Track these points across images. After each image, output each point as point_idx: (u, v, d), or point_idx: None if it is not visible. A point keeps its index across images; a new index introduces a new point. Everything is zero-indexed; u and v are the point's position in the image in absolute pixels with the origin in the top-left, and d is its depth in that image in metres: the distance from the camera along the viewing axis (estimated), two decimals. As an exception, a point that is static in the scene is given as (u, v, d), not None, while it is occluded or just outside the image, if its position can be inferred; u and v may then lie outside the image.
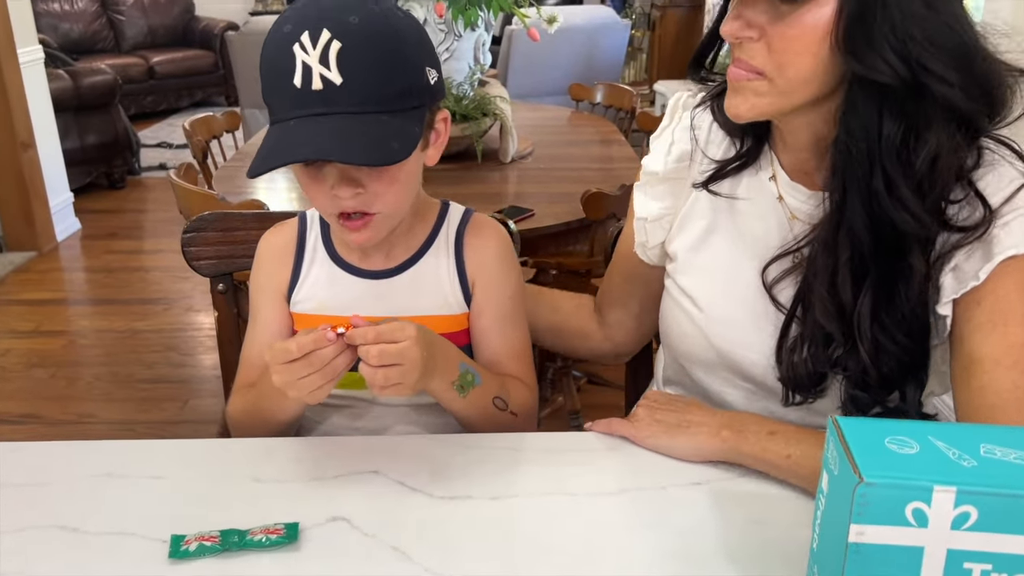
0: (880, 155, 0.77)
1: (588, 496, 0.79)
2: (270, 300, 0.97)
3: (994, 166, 0.79)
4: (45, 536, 0.74)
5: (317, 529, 0.74)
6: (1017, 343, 0.76)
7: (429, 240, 0.95)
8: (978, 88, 0.75)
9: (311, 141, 0.78)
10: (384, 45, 0.79)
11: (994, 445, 0.56)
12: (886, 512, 0.53)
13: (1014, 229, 0.77)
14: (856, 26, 0.74)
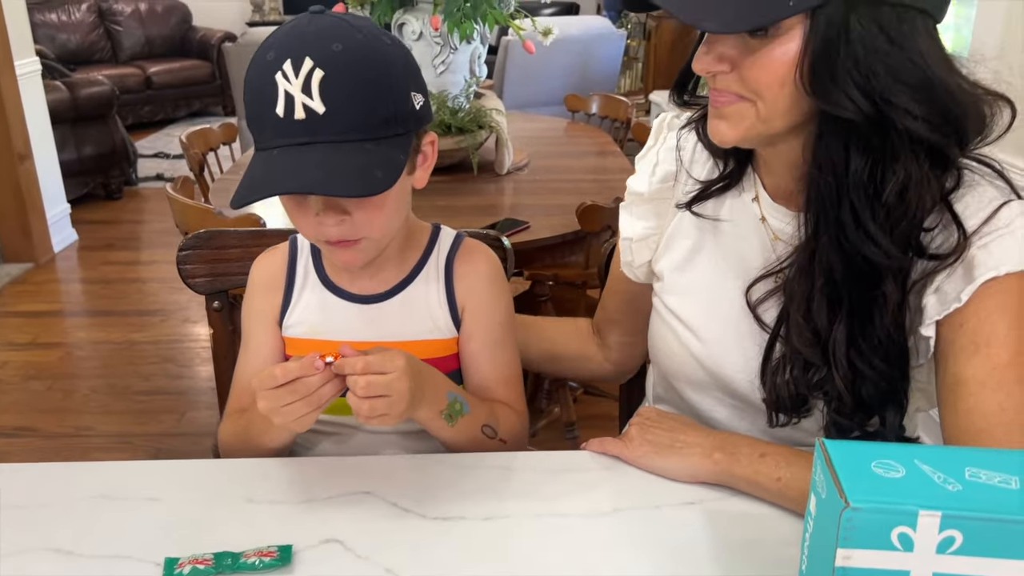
0: (848, 189, 0.77)
1: (581, 517, 0.80)
2: (261, 325, 0.97)
3: (973, 187, 0.80)
4: (39, 559, 0.74)
5: (310, 551, 0.74)
6: (1001, 364, 0.76)
7: (419, 265, 0.96)
8: (944, 120, 0.75)
9: (295, 173, 0.77)
10: (368, 73, 0.79)
11: (979, 468, 0.56)
12: (872, 537, 0.53)
13: (993, 251, 0.77)
14: (820, 63, 0.74)
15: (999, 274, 0.77)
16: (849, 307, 0.81)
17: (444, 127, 2.31)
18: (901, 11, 0.74)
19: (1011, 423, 0.75)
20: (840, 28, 0.73)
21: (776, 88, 0.77)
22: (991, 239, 0.78)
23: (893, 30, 0.73)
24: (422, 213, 2.14)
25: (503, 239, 1.19)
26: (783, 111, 0.79)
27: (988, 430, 0.75)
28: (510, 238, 1.90)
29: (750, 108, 0.80)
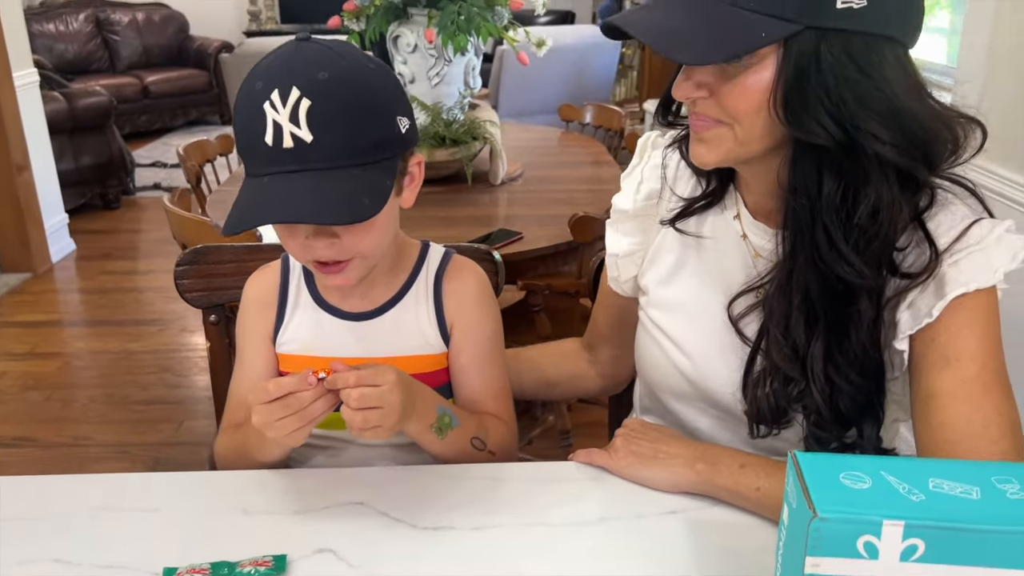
0: (821, 211, 0.80)
1: (567, 526, 0.82)
2: (255, 342, 0.99)
3: (946, 205, 0.83)
4: (41, 570, 0.76)
5: (304, 561, 0.77)
6: (969, 378, 0.79)
7: (408, 283, 0.98)
8: (911, 144, 0.78)
9: (285, 202, 0.79)
10: (354, 100, 0.81)
11: (942, 479, 0.59)
12: (839, 545, 0.56)
13: (964, 267, 0.80)
14: (792, 91, 0.77)
15: (968, 290, 0.79)
16: (826, 324, 0.84)
17: (439, 139, 2.33)
18: (870, 40, 0.76)
19: (978, 435, 0.78)
20: (811, 57, 0.75)
21: (752, 114, 0.80)
22: (961, 256, 0.81)
23: (862, 59, 0.76)
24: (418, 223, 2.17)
25: (493, 253, 1.22)
26: (759, 136, 0.81)
27: (957, 441, 0.78)
28: (504, 248, 1.94)
29: (728, 132, 0.82)
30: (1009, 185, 1.99)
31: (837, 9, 0.74)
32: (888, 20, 0.77)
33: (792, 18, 0.75)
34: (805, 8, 0.74)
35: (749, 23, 0.75)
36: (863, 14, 0.75)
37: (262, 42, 4.62)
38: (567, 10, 7.35)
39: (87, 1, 6.86)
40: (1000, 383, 0.80)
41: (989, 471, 0.60)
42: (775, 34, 0.75)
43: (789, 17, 0.75)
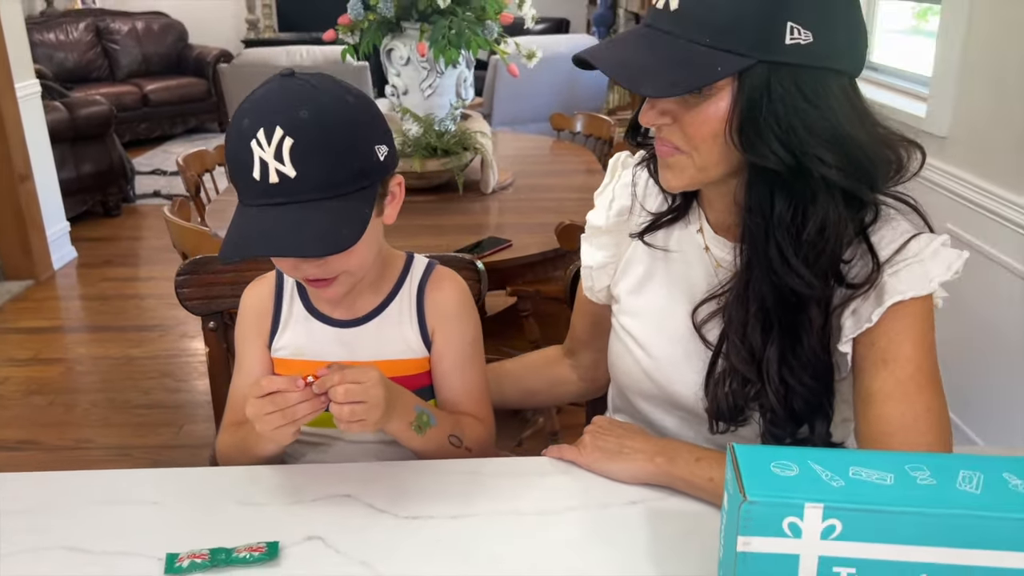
0: (774, 229, 0.87)
1: (538, 515, 0.90)
2: (252, 348, 1.07)
3: (889, 221, 0.90)
4: (53, 556, 0.83)
5: (295, 547, 0.84)
6: (904, 378, 0.87)
7: (393, 292, 1.05)
8: (854, 167, 0.85)
9: (269, 236, 0.87)
10: (333, 136, 0.88)
11: (861, 468, 0.66)
12: (766, 525, 0.63)
13: (903, 277, 0.87)
14: (746, 120, 0.84)
15: (905, 298, 0.87)
16: (779, 330, 0.91)
17: (430, 149, 2.40)
18: (817, 73, 0.83)
19: (910, 428, 0.85)
20: (763, 89, 0.82)
21: (710, 141, 0.87)
22: (901, 267, 0.88)
23: (809, 90, 0.83)
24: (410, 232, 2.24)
25: (476, 262, 1.29)
26: (716, 162, 0.89)
27: (892, 434, 0.85)
28: (493, 256, 2.00)
29: (688, 160, 0.90)
30: (979, 192, 2.07)
31: (786, 45, 0.81)
32: (833, 55, 0.84)
33: (745, 53, 0.82)
34: (757, 44, 0.81)
35: (706, 58, 0.82)
36: (810, 49, 0.82)
37: (260, 52, 4.69)
38: (562, 18, 7.42)
39: (87, 10, 6.95)
40: (932, 383, 0.87)
41: (904, 460, 0.67)
42: (730, 68, 0.82)
43: (742, 52, 0.82)
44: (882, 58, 2.97)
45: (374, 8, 2.40)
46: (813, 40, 0.82)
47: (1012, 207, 1.92)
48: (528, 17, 2.59)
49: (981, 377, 2.09)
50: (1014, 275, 1.92)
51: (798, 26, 0.81)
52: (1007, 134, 1.94)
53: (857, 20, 0.87)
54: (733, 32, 0.81)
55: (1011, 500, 0.63)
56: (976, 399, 2.12)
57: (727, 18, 0.81)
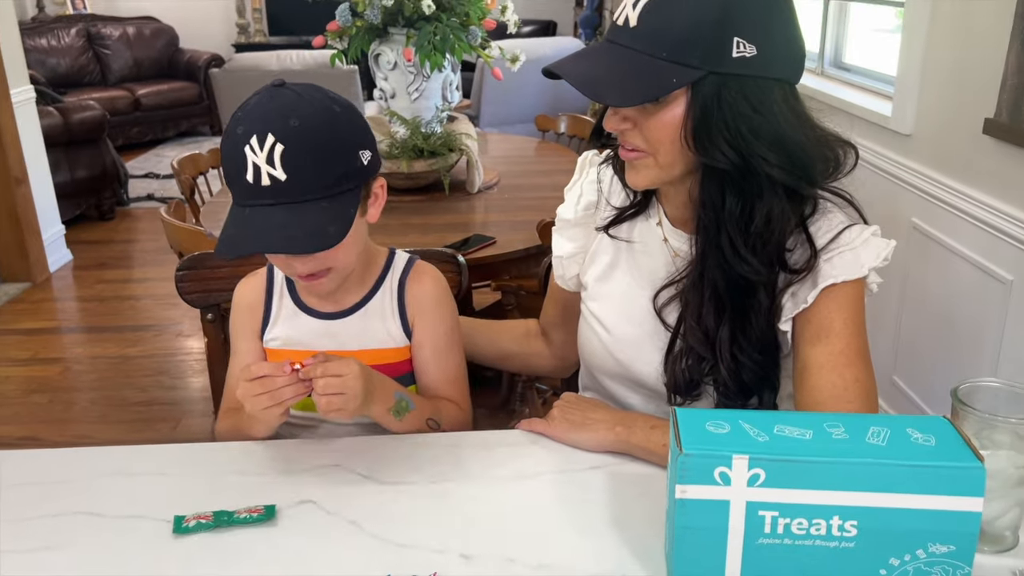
0: (725, 223, 0.97)
1: (510, 480, 0.99)
2: (246, 339, 1.17)
3: (826, 213, 1.01)
4: (72, 520, 0.92)
5: (290, 509, 0.93)
6: (835, 352, 0.96)
7: (376, 286, 1.15)
8: (795, 165, 0.95)
9: (262, 234, 0.95)
10: (321, 142, 0.97)
11: (785, 425, 0.75)
12: (700, 474, 0.73)
13: (836, 263, 0.97)
14: (699, 125, 0.93)
15: (837, 281, 0.97)
16: (731, 312, 1.01)
17: (417, 151, 2.49)
18: (760, 82, 0.93)
19: (839, 397, 0.95)
20: (713, 98, 0.92)
21: (668, 144, 0.97)
22: (834, 254, 0.98)
23: (754, 98, 0.93)
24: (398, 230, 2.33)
25: (458, 257, 1.38)
26: (674, 162, 0.98)
27: (823, 402, 0.95)
28: (478, 252, 2.09)
29: (650, 160, 0.99)
30: (941, 188, 2.17)
31: (733, 58, 0.91)
32: (774, 65, 0.94)
33: (697, 65, 0.91)
34: (708, 57, 0.91)
35: (663, 70, 0.92)
36: (754, 61, 0.92)
37: (252, 57, 4.76)
38: (549, 20, 7.52)
39: (78, 16, 7.02)
40: (861, 357, 0.97)
41: (823, 419, 0.77)
42: (684, 79, 0.92)
43: (694, 65, 0.91)
44: (853, 58, 3.08)
45: (361, 15, 2.49)
46: (757, 53, 0.92)
47: (971, 201, 2.02)
48: (511, 23, 2.69)
49: (943, 363, 2.20)
50: (974, 266, 2.02)
51: (743, 41, 0.91)
52: (965, 132, 2.04)
53: (795, 34, 0.97)
54: (686, 47, 0.91)
55: (912, 451, 0.72)
56: (939, 384, 2.23)
57: (681, 35, 0.91)
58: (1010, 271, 1.89)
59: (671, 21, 0.91)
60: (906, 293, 2.35)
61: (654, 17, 0.92)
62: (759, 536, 0.73)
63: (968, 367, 2.06)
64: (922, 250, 2.25)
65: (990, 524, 0.84)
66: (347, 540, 0.89)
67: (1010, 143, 1.86)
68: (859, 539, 0.73)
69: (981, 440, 0.82)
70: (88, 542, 0.89)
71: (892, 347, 2.43)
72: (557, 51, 4.71)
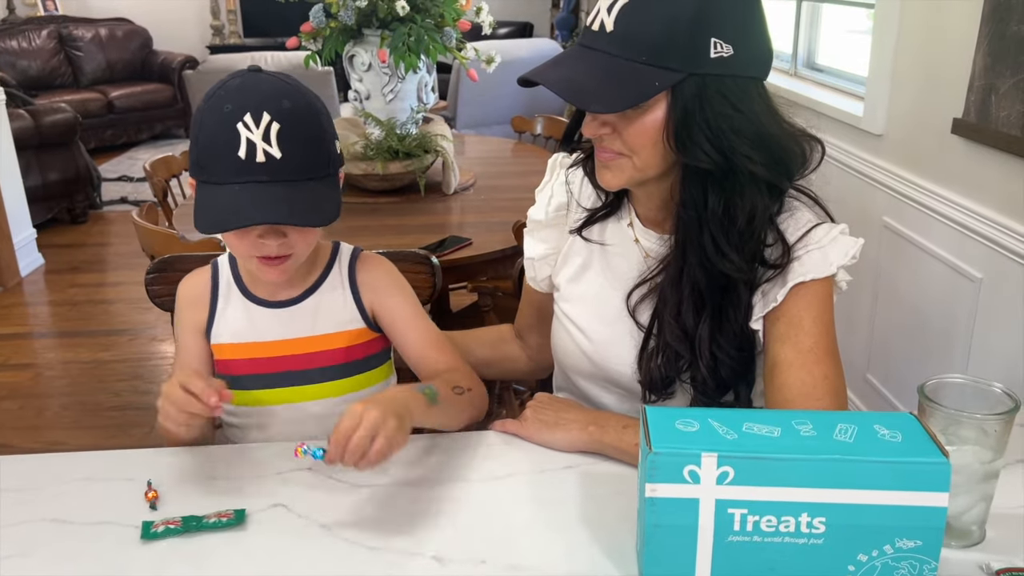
0: (707, 221, 0.98)
1: (484, 481, 0.99)
2: (189, 336, 1.16)
3: (793, 211, 1.01)
4: (40, 528, 0.91)
5: (261, 513, 0.92)
6: (804, 349, 0.97)
7: (324, 274, 1.15)
8: (774, 161, 0.96)
9: (262, 207, 0.96)
10: (310, 125, 1.00)
11: (753, 423, 0.76)
12: (669, 473, 0.73)
13: (804, 262, 0.98)
14: (681, 127, 0.94)
15: (806, 279, 0.97)
16: (711, 310, 1.01)
17: (392, 152, 2.49)
18: (740, 81, 0.94)
19: (808, 394, 0.96)
20: (694, 99, 0.93)
21: (649, 147, 0.97)
22: (803, 253, 0.99)
23: (733, 97, 0.93)
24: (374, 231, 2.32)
25: (431, 257, 1.38)
26: (654, 163, 0.99)
27: (792, 400, 0.96)
28: (454, 254, 2.09)
29: (628, 162, 0.99)
30: (912, 187, 2.20)
31: (711, 58, 0.92)
32: (750, 63, 0.95)
33: (677, 68, 0.92)
34: (687, 59, 0.92)
35: (643, 74, 0.92)
36: (731, 60, 0.93)
37: (226, 58, 4.74)
38: (525, 22, 7.53)
39: (49, 17, 6.93)
40: (830, 354, 0.98)
41: (790, 416, 0.77)
42: (665, 83, 0.92)
43: (674, 67, 0.92)
44: (825, 59, 3.11)
45: (336, 16, 2.48)
46: (733, 52, 0.92)
47: (941, 200, 2.05)
48: (486, 24, 2.69)
49: (915, 361, 2.22)
50: (944, 264, 2.05)
51: (720, 41, 0.92)
52: (935, 132, 2.07)
53: (766, 31, 0.98)
54: (665, 51, 0.91)
55: (879, 447, 0.73)
56: (912, 382, 2.24)
57: (659, 38, 0.91)
58: (979, 269, 1.92)
59: (648, 25, 0.91)
60: (878, 291, 2.37)
61: (631, 21, 0.92)
62: (729, 534, 0.74)
63: (939, 364, 2.09)
64: (893, 248, 2.28)
65: (956, 519, 0.85)
66: (318, 544, 0.88)
67: (978, 143, 1.89)
68: (827, 535, 0.73)
69: (947, 436, 0.83)
70: (57, 548, 0.88)
71: (865, 345, 2.46)
72: (533, 53, 4.71)
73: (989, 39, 1.80)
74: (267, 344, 1.14)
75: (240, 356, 1.15)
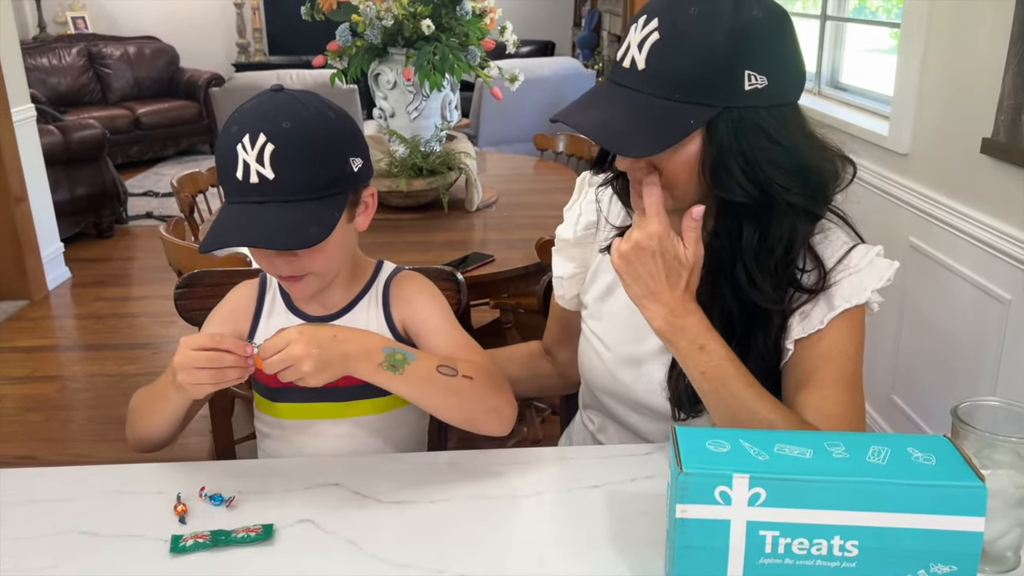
0: (742, 253, 0.97)
1: (509, 499, 0.99)
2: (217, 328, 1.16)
3: (826, 233, 1.01)
4: (70, 540, 0.92)
5: (288, 529, 0.92)
6: (835, 376, 0.97)
7: (363, 292, 1.16)
8: (811, 188, 0.95)
9: (245, 229, 0.98)
10: (310, 146, 0.99)
11: (785, 444, 0.75)
12: (700, 494, 0.72)
13: (844, 286, 0.98)
14: (716, 162, 0.93)
15: (850, 306, 0.97)
16: (740, 335, 1.00)
17: (416, 169, 2.50)
18: (774, 110, 0.93)
19: (841, 419, 0.95)
20: (729, 133, 0.92)
21: (685, 181, 0.96)
22: (843, 277, 0.98)
23: (770, 128, 0.92)
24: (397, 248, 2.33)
25: (457, 274, 1.38)
26: (692, 195, 0.98)
27: (820, 424, 0.95)
28: (477, 271, 2.10)
29: (666, 194, 0.97)
30: (939, 207, 2.18)
31: (746, 91, 0.91)
32: (786, 91, 0.94)
33: (711, 103, 0.91)
34: (721, 94, 0.91)
35: (678, 112, 0.91)
36: (766, 91, 0.91)
37: (251, 76, 4.79)
38: (547, 40, 7.58)
39: (79, 35, 7.06)
40: (857, 381, 0.98)
41: (822, 438, 0.77)
42: (701, 119, 0.91)
43: (709, 103, 0.91)
44: (850, 78, 3.10)
45: (362, 35, 2.51)
46: (768, 83, 0.91)
47: (969, 221, 2.03)
48: (510, 43, 2.71)
49: (941, 383, 2.20)
50: (972, 285, 2.02)
51: (754, 73, 0.90)
52: (962, 151, 2.05)
53: (798, 53, 0.97)
54: (699, 87, 0.90)
55: (913, 470, 0.72)
56: (937, 404, 2.22)
57: (693, 75, 0.90)
58: (1008, 290, 1.89)
59: (681, 62, 0.90)
60: (904, 313, 2.35)
61: (663, 59, 0.91)
62: (760, 556, 0.73)
63: (967, 386, 2.06)
64: (920, 270, 2.26)
65: (991, 544, 0.84)
66: (345, 560, 0.88)
67: (1008, 162, 1.87)
68: (860, 559, 0.72)
69: (981, 459, 0.82)
70: (85, 561, 0.88)
71: (891, 366, 2.43)
72: (555, 71, 4.75)
73: (1019, 58, 1.79)
74: None
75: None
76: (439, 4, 2.49)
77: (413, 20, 2.45)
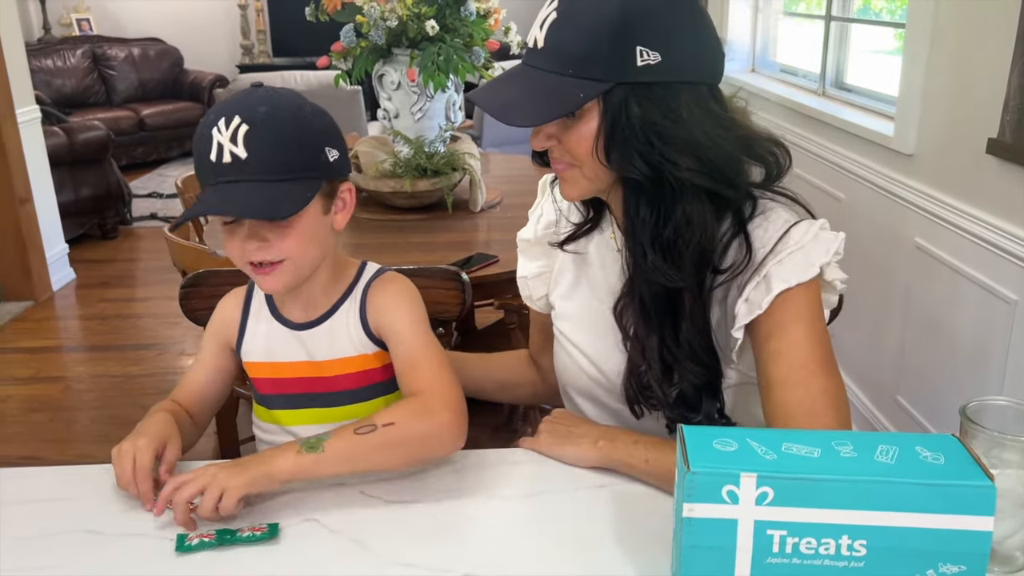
0: (636, 231, 0.98)
1: (514, 499, 0.98)
2: (214, 345, 1.18)
3: (767, 213, 0.99)
4: (74, 539, 0.92)
5: (293, 528, 0.92)
6: (797, 364, 0.94)
7: (343, 297, 1.14)
8: (712, 167, 0.94)
9: (217, 204, 0.99)
10: (283, 129, 0.99)
11: (792, 443, 0.75)
12: (708, 493, 0.72)
13: (786, 265, 0.95)
14: (610, 137, 0.94)
15: (791, 286, 0.95)
16: (657, 320, 1.00)
17: (420, 170, 2.50)
18: (670, 87, 0.93)
19: (808, 411, 0.93)
20: (621, 108, 0.93)
21: (589, 157, 0.97)
22: (784, 256, 0.96)
23: (662, 104, 0.93)
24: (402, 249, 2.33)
25: (461, 274, 1.38)
26: (600, 174, 0.98)
27: (793, 418, 0.93)
28: (481, 271, 2.10)
29: (578, 172, 0.99)
30: (944, 208, 2.17)
31: (638, 67, 0.92)
32: (682, 68, 0.94)
33: (603, 79, 0.92)
34: (612, 69, 0.92)
35: (571, 87, 0.93)
36: (659, 68, 0.92)
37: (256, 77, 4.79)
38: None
39: (84, 37, 7.07)
40: (824, 366, 0.95)
41: (831, 437, 0.76)
42: (591, 93, 0.93)
43: (600, 78, 0.92)
44: (855, 79, 3.09)
45: (366, 36, 2.51)
46: (662, 60, 0.92)
47: (974, 221, 2.02)
48: (514, 44, 2.71)
49: (947, 383, 2.19)
50: (978, 286, 2.02)
51: (646, 49, 0.91)
52: (968, 151, 2.05)
53: (705, 35, 0.97)
54: (591, 62, 0.92)
55: (922, 469, 0.72)
56: (943, 404, 2.22)
57: (584, 51, 0.92)
58: (1015, 291, 1.89)
59: (573, 38, 0.93)
60: (909, 313, 2.34)
61: (558, 36, 0.94)
62: (767, 555, 0.73)
63: (972, 387, 2.05)
64: (925, 270, 2.25)
65: (1000, 544, 0.83)
66: (351, 559, 0.88)
67: (1014, 163, 1.87)
68: (869, 559, 0.72)
69: (990, 459, 0.81)
70: (91, 560, 0.88)
71: (896, 367, 2.43)
72: (559, 72, 4.74)
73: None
74: (290, 365, 1.14)
75: (265, 375, 1.16)
76: (443, 5, 2.49)
77: (417, 21, 2.45)
